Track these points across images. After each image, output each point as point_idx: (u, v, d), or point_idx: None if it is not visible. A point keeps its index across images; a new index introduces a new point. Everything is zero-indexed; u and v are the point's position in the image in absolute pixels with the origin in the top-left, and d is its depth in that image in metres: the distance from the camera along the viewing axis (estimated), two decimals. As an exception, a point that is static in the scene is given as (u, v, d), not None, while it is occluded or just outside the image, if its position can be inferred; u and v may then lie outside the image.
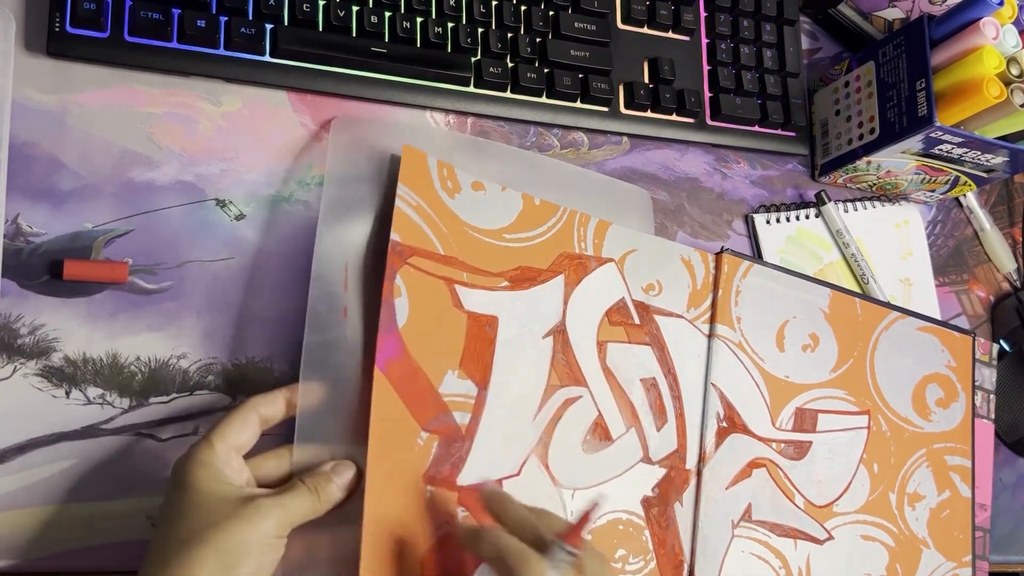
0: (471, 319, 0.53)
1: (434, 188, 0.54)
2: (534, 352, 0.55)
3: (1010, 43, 0.63)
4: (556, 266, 0.57)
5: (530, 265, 0.56)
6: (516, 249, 0.56)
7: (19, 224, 0.50)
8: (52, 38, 0.51)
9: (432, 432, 0.50)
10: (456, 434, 0.51)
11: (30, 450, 0.47)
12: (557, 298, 0.57)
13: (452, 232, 0.54)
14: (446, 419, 0.51)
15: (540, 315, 0.56)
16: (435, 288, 0.52)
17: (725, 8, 0.69)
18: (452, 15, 0.60)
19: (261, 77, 0.55)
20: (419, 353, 0.51)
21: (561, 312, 0.57)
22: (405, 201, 0.52)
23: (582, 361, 0.57)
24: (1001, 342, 0.74)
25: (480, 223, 0.55)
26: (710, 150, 0.68)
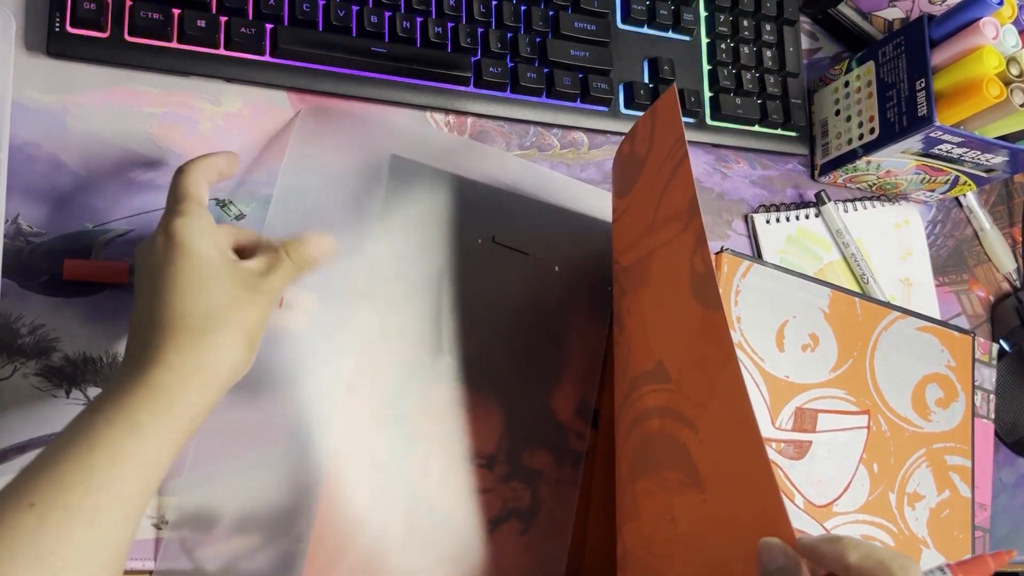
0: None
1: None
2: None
3: (1010, 43, 0.63)
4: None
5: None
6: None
7: (19, 224, 0.50)
8: (52, 38, 0.51)
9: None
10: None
11: (30, 450, 0.47)
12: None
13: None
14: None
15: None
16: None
17: (725, 8, 0.69)
18: (452, 15, 0.60)
19: (261, 77, 0.55)
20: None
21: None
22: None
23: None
24: (1001, 342, 0.74)
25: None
26: (710, 150, 0.68)
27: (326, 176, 0.55)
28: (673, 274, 0.47)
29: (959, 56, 0.63)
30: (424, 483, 0.52)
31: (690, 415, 0.44)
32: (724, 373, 0.41)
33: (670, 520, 0.45)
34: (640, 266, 0.51)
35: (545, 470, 0.55)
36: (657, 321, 0.48)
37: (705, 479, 0.43)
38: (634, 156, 0.53)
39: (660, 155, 0.49)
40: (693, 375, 0.44)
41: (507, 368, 0.56)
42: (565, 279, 0.59)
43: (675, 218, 0.47)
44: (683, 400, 0.45)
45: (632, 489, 0.49)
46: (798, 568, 0.36)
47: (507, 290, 0.57)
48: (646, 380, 0.48)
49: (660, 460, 0.46)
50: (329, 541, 0.49)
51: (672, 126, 0.48)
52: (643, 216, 0.51)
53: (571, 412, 0.57)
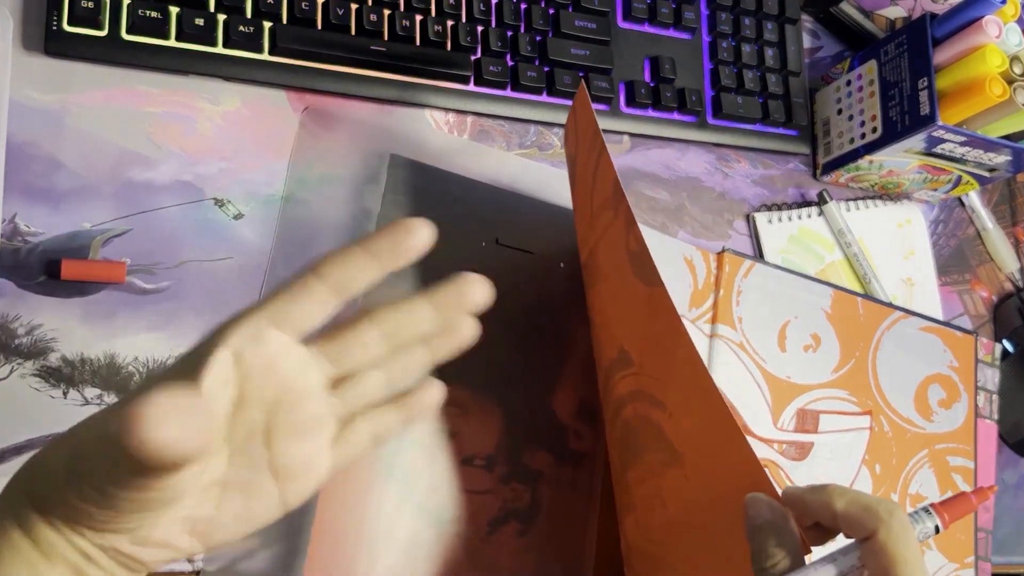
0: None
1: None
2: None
3: (1013, 41, 0.63)
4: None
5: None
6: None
7: (17, 224, 0.49)
8: (50, 37, 0.51)
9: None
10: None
11: (28, 451, 0.47)
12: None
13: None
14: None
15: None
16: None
17: (726, 6, 0.68)
18: (452, 13, 0.59)
19: (260, 76, 0.55)
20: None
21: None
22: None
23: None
24: (1004, 342, 0.74)
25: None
26: (711, 149, 0.68)
27: (329, 180, 0.55)
28: (615, 259, 0.48)
29: (962, 55, 0.63)
30: (424, 483, 0.52)
31: (657, 394, 0.44)
32: (677, 345, 0.42)
33: (661, 504, 0.45)
34: (592, 260, 0.52)
35: (545, 471, 0.55)
36: (613, 309, 0.49)
37: (682, 454, 0.43)
38: (569, 158, 0.54)
39: (584, 150, 0.50)
40: (651, 354, 0.45)
41: (510, 369, 0.55)
42: (570, 275, 0.58)
43: (606, 206, 0.48)
44: (648, 381, 0.45)
45: (624, 480, 0.49)
46: (785, 520, 0.36)
47: (514, 291, 0.57)
48: (615, 368, 0.49)
49: (641, 445, 0.47)
50: (329, 541, 0.49)
51: (588, 121, 0.49)
52: (584, 212, 0.52)
53: (572, 412, 0.56)
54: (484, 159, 0.60)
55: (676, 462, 0.43)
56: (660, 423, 0.44)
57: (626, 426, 0.48)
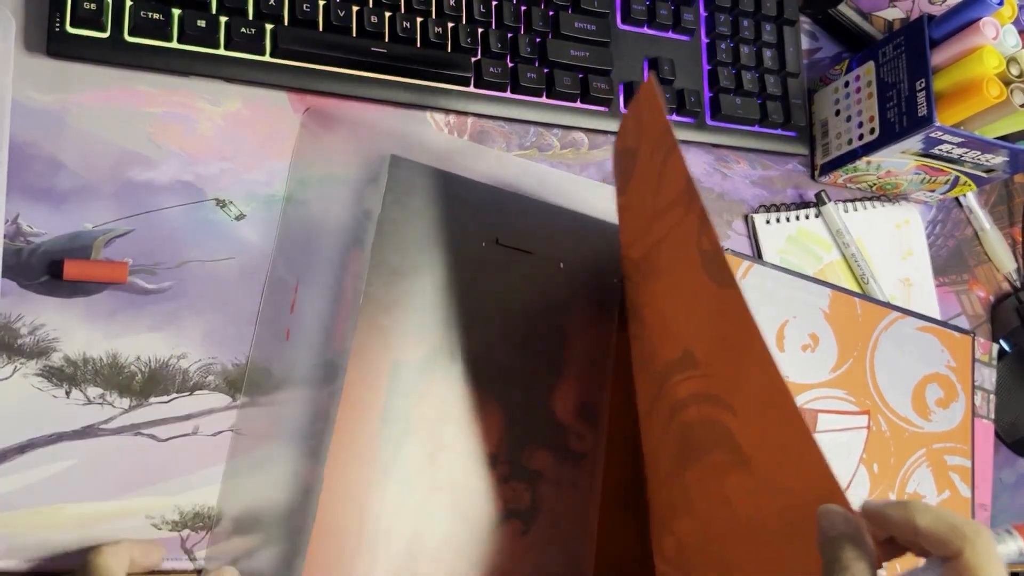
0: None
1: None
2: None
3: (1010, 43, 0.63)
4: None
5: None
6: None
7: (19, 224, 0.50)
8: (52, 38, 0.51)
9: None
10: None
11: (30, 450, 0.47)
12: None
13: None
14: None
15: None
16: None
17: (725, 8, 0.69)
18: (452, 15, 0.60)
19: (261, 77, 0.55)
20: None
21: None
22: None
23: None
24: (1001, 342, 0.74)
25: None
26: (710, 150, 0.68)
27: (330, 180, 0.55)
28: (683, 258, 0.47)
29: (959, 56, 0.63)
30: (425, 483, 0.52)
31: (725, 396, 0.44)
32: (751, 348, 0.41)
33: (726, 503, 0.44)
34: (649, 257, 0.51)
35: (545, 470, 0.55)
36: (676, 309, 0.48)
37: (751, 458, 0.42)
38: (627, 151, 0.53)
39: (650, 145, 0.50)
40: (720, 356, 0.44)
41: (510, 369, 0.56)
42: (570, 276, 0.59)
43: (675, 203, 0.47)
44: (716, 383, 0.44)
45: (682, 481, 0.48)
46: (860, 533, 0.36)
47: (514, 291, 0.57)
48: (675, 370, 0.48)
49: (704, 446, 0.46)
50: (329, 541, 0.49)
51: (656, 116, 0.48)
52: (644, 207, 0.51)
53: (572, 412, 0.57)
54: (484, 160, 0.60)
55: (744, 465, 0.43)
56: (728, 426, 0.43)
57: (687, 427, 0.47)
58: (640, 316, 0.52)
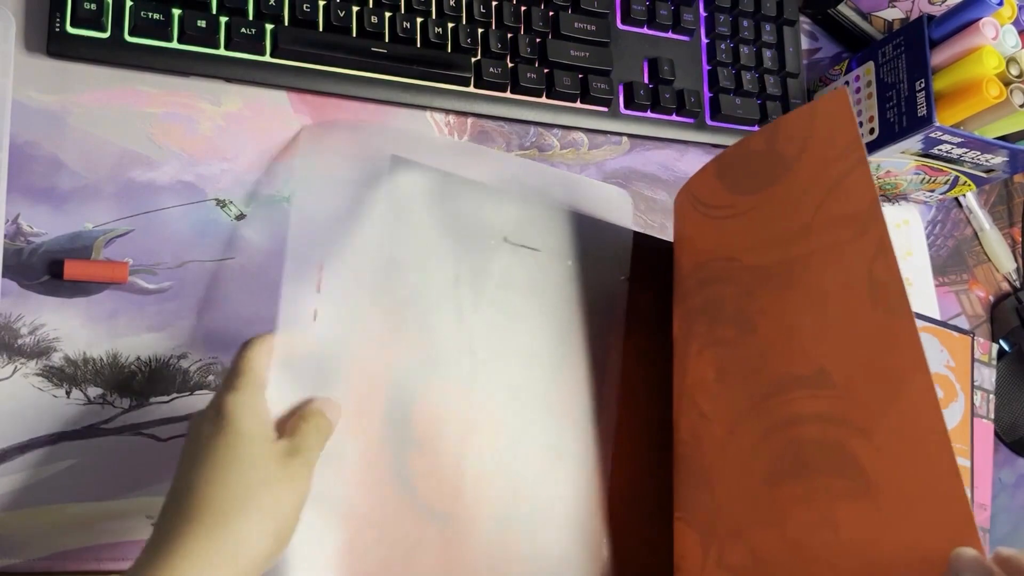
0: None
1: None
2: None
3: (1009, 43, 0.63)
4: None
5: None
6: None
7: (19, 224, 0.50)
8: (52, 38, 0.51)
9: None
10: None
11: (30, 450, 0.47)
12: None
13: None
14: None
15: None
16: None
17: (725, 8, 0.69)
18: (452, 15, 0.60)
19: (261, 77, 0.55)
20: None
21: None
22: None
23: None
24: (1000, 342, 0.74)
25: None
26: (710, 150, 0.68)
27: (331, 181, 0.55)
28: (842, 279, 0.46)
29: (959, 56, 0.63)
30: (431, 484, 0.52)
31: (861, 422, 0.43)
32: (913, 381, 0.41)
33: (831, 527, 0.44)
34: (784, 268, 0.49)
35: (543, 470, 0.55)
36: (816, 326, 0.47)
37: (878, 487, 0.42)
38: (774, 154, 0.51)
39: (821, 157, 0.48)
40: (870, 383, 0.43)
41: (526, 368, 0.56)
42: (579, 274, 0.59)
43: (844, 222, 0.46)
44: (853, 407, 0.44)
45: (772, 494, 0.47)
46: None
47: (524, 289, 0.57)
48: (798, 385, 0.47)
49: (816, 466, 0.45)
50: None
51: (843, 127, 0.47)
52: (788, 218, 0.49)
53: (579, 410, 0.57)
54: (484, 159, 0.60)
55: (866, 494, 0.42)
56: (856, 451, 0.43)
57: (796, 443, 0.46)
58: (750, 323, 0.51)
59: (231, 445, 0.40)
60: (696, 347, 0.54)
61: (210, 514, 0.38)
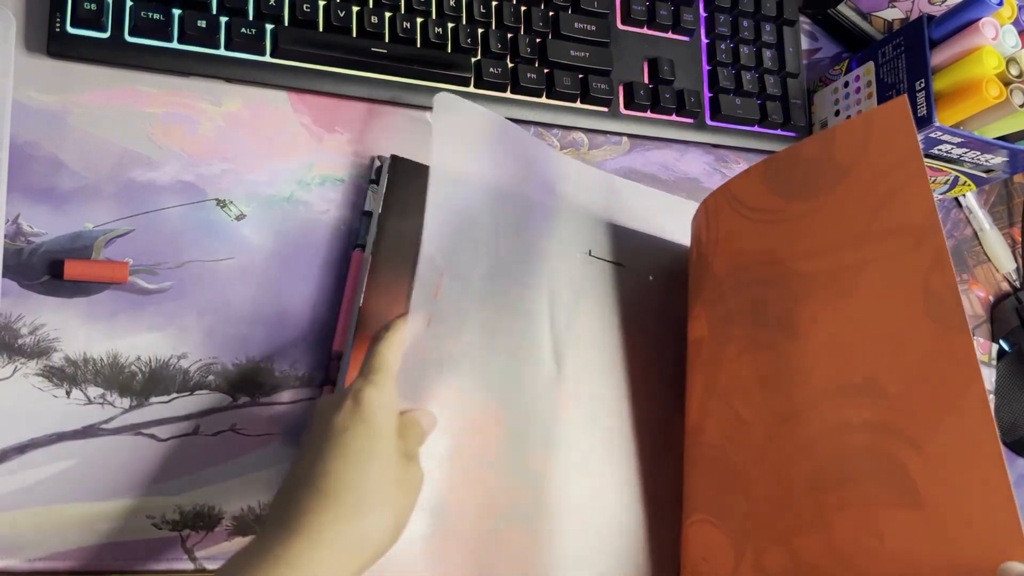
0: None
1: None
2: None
3: (1009, 43, 0.63)
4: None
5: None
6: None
7: (20, 224, 0.50)
8: (52, 38, 0.51)
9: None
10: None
11: (30, 450, 0.47)
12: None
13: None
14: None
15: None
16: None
17: (725, 8, 0.69)
18: (452, 15, 0.60)
19: (261, 77, 0.55)
20: None
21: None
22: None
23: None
24: (1000, 342, 0.74)
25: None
26: (710, 150, 0.68)
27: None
28: (897, 290, 0.46)
29: (959, 56, 0.63)
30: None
31: (912, 434, 0.44)
32: (967, 395, 0.41)
33: (875, 536, 0.44)
34: (836, 276, 0.49)
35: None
36: (868, 336, 0.47)
37: (926, 497, 0.42)
38: (829, 161, 0.51)
39: (878, 165, 0.48)
40: (922, 395, 0.44)
41: (608, 381, 0.56)
42: (659, 289, 0.60)
43: (900, 232, 0.46)
44: (903, 418, 0.44)
45: (817, 501, 0.47)
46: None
47: (608, 303, 0.58)
48: (846, 393, 0.47)
49: (863, 475, 0.45)
50: None
51: (902, 137, 0.47)
52: (841, 226, 0.49)
53: (669, 415, 0.57)
54: (568, 170, 0.61)
55: (915, 505, 0.43)
56: (905, 462, 0.43)
57: (842, 451, 0.47)
58: (795, 329, 0.50)
59: (369, 439, 0.41)
60: (734, 350, 0.53)
61: (345, 503, 0.39)
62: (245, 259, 0.53)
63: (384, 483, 0.40)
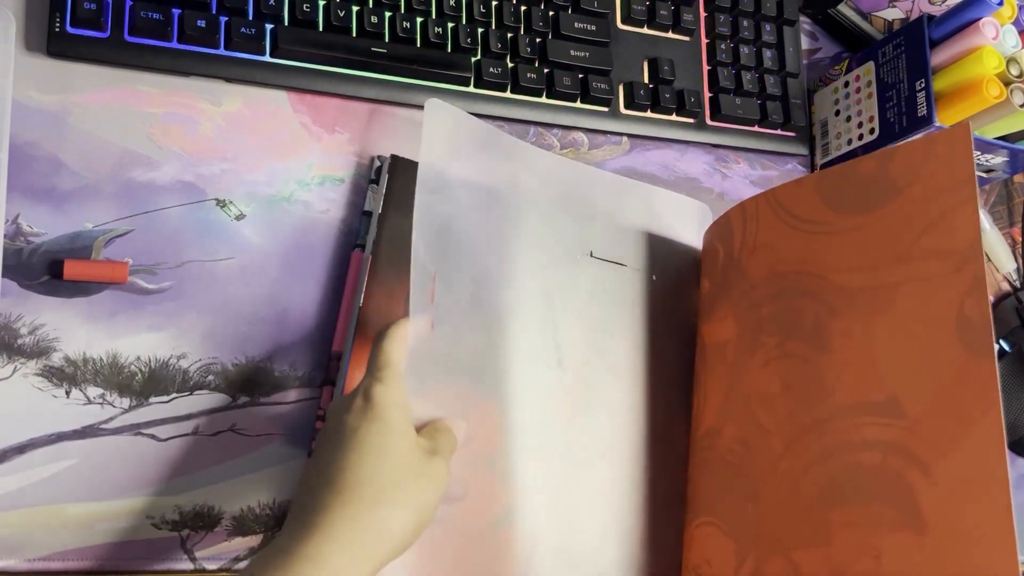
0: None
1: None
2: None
3: (1010, 43, 0.63)
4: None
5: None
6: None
7: (19, 224, 0.50)
8: (52, 38, 0.51)
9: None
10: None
11: (30, 450, 0.47)
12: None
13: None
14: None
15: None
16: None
17: (725, 8, 0.69)
18: (452, 15, 0.60)
19: (261, 77, 0.55)
20: None
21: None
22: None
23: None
24: (1001, 342, 0.74)
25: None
26: (710, 150, 0.68)
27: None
28: (931, 312, 0.46)
29: (959, 56, 0.63)
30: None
31: (924, 457, 0.44)
32: (983, 424, 0.42)
33: (874, 556, 0.44)
34: (874, 293, 0.49)
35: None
36: (897, 354, 0.47)
37: (928, 523, 0.43)
38: (884, 178, 0.51)
39: (932, 188, 0.48)
40: (940, 418, 0.44)
41: (611, 380, 0.56)
42: (662, 288, 0.60)
43: (942, 256, 0.46)
44: (918, 440, 0.45)
45: (823, 515, 0.48)
46: None
47: (610, 303, 0.58)
48: (865, 411, 0.47)
49: (870, 494, 0.46)
50: None
51: (960, 161, 0.47)
52: (890, 244, 0.50)
53: (671, 416, 0.57)
54: (569, 172, 0.61)
55: (916, 528, 0.43)
56: (912, 484, 0.44)
57: (855, 468, 0.47)
58: (824, 342, 0.51)
59: (383, 434, 0.41)
60: (762, 358, 0.53)
61: (360, 498, 0.39)
62: (245, 259, 0.53)
63: (400, 477, 0.40)
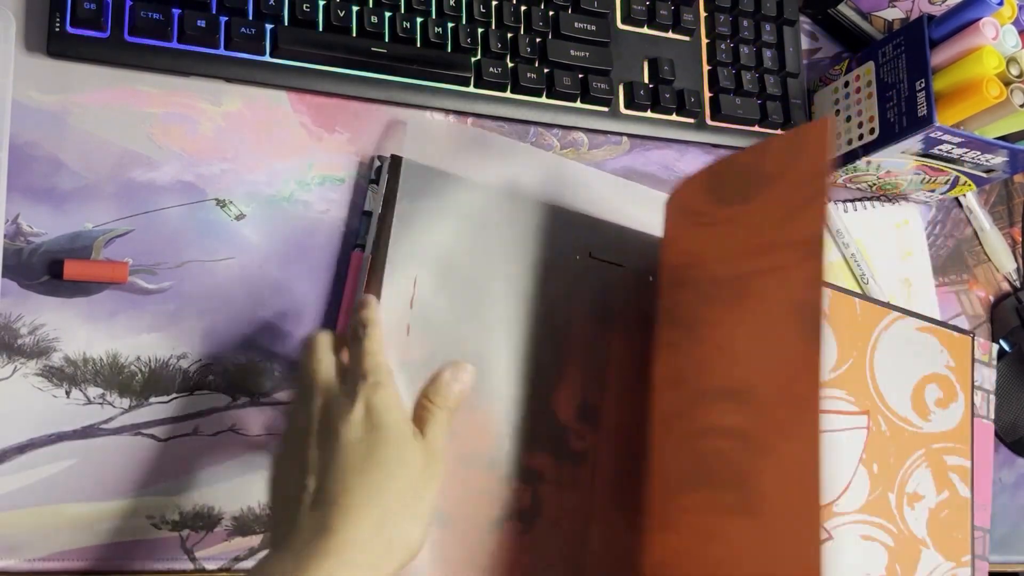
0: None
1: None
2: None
3: (1010, 43, 0.63)
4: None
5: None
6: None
7: (19, 224, 0.50)
8: (52, 38, 0.51)
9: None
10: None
11: (30, 450, 0.47)
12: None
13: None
14: None
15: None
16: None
17: (725, 8, 0.69)
18: (452, 15, 0.60)
19: (261, 77, 0.55)
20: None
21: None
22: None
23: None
24: (1001, 342, 0.74)
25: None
26: (710, 150, 0.68)
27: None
28: (781, 300, 0.47)
29: (959, 56, 0.63)
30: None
31: (766, 443, 0.44)
32: (807, 412, 0.42)
33: (708, 539, 0.45)
34: (738, 283, 0.50)
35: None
36: (750, 344, 0.48)
37: (763, 508, 0.43)
38: (759, 170, 0.52)
39: (795, 179, 0.49)
40: (780, 407, 0.45)
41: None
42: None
43: (797, 245, 0.47)
44: (762, 426, 0.45)
45: (676, 501, 0.48)
46: None
47: (609, 304, 0.58)
48: (721, 398, 0.48)
49: (713, 480, 0.46)
50: None
51: (816, 156, 0.48)
52: (756, 234, 0.50)
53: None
54: (567, 173, 0.61)
55: (749, 512, 0.44)
56: (752, 471, 0.44)
57: (702, 454, 0.48)
58: (696, 332, 0.52)
59: (387, 445, 0.40)
60: (656, 347, 0.55)
61: (370, 518, 0.39)
62: (245, 259, 0.53)
63: (407, 490, 0.40)
